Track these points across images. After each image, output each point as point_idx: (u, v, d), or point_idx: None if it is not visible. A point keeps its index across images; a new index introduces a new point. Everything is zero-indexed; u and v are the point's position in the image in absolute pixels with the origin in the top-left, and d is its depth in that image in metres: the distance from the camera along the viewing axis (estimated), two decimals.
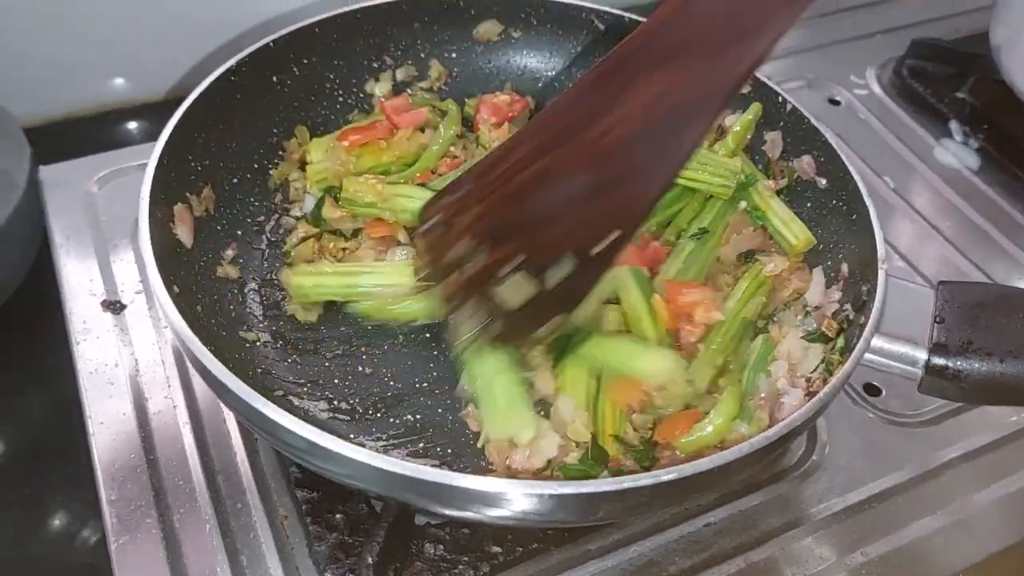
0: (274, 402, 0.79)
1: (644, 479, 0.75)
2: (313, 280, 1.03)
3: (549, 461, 0.90)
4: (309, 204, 1.15)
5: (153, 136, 1.01)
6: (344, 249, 1.11)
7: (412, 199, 1.08)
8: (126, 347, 1.08)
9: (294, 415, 0.78)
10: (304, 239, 1.10)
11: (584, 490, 0.75)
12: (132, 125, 1.52)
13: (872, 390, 1.13)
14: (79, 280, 1.14)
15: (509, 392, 0.93)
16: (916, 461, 1.06)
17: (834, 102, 1.54)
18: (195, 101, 1.04)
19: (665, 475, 0.76)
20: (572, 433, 0.91)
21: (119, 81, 1.50)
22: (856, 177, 1.05)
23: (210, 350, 0.83)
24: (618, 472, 0.88)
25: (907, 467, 1.06)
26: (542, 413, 0.94)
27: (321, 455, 0.77)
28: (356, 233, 1.13)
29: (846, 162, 1.07)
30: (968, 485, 1.05)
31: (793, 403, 0.92)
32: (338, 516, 0.93)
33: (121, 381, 1.04)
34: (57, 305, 1.13)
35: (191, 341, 0.84)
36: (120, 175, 1.27)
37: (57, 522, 1.06)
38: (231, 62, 1.09)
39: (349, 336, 1.05)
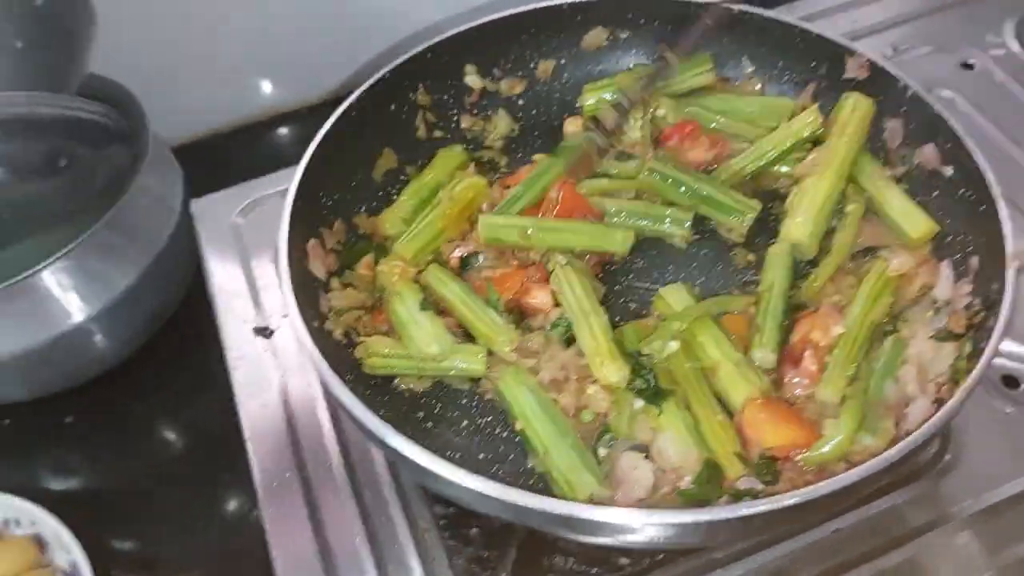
0: (407, 431, 0.86)
1: (762, 504, 0.77)
2: (385, 362, 1.04)
3: (655, 487, 0.92)
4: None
5: (297, 144, 1.08)
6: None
7: (400, 307, 1.05)
8: (277, 371, 1.17)
9: (426, 445, 0.85)
10: (352, 309, 1.09)
11: (703, 518, 0.78)
12: (280, 133, 1.64)
13: (1010, 382, 1.08)
14: (232, 308, 1.24)
15: (569, 458, 0.93)
16: None
17: (967, 66, 1.44)
18: (320, 142, 1.10)
19: (787, 499, 0.78)
20: (687, 470, 0.92)
21: (264, 93, 1.61)
22: (984, 166, 1.01)
23: (347, 381, 0.91)
24: (737, 491, 0.89)
25: None
26: (645, 456, 0.95)
27: (448, 487, 0.83)
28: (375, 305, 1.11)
29: (973, 149, 1.03)
30: None
31: (919, 412, 0.91)
32: (473, 530, 0.99)
33: (274, 404, 1.14)
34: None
35: (330, 378, 0.91)
36: (260, 203, 1.36)
37: (224, 517, 1.19)
38: (351, 99, 1.15)
39: None
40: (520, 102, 1.31)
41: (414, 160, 1.24)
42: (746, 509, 0.77)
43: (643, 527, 0.79)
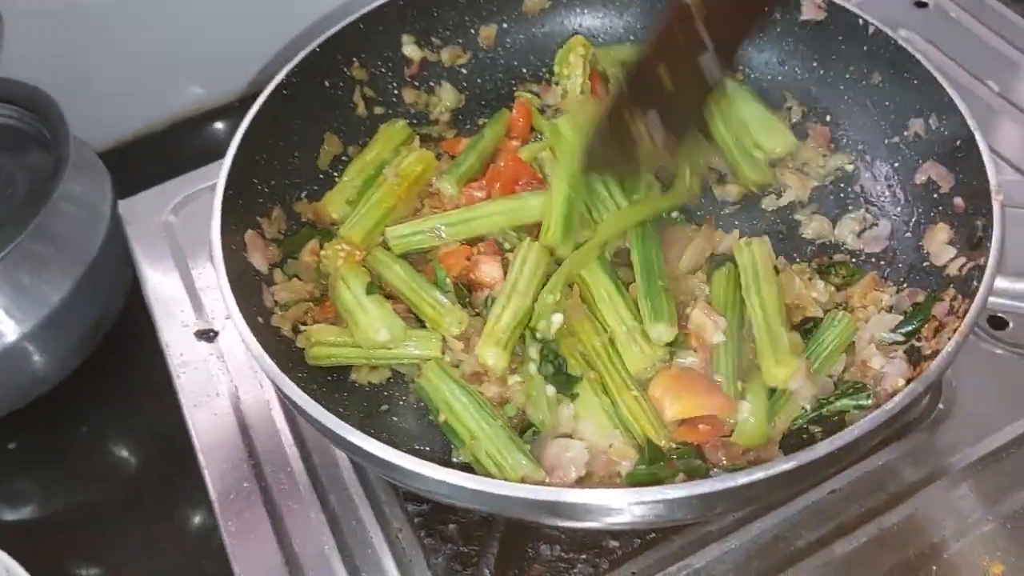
0: (371, 427, 0.79)
1: (759, 472, 0.72)
2: (330, 351, 0.96)
3: (590, 471, 0.86)
4: None
5: (230, 138, 1.00)
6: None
7: (345, 292, 0.97)
8: (224, 375, 1.09)
9: (392, 439, 0.78)
10: (299, 301, 1.00)
11: (699, 491, 0.71)
12: (212, 129, 1.56)
13: (998, 323, 1.05)
14: (171, 312, 1.16)
15: (499, 439, 0.86)
16: None
17: (920, 4, 1.41)
18: (250, 124, 1.02)
19: (784, 464, 0.72)
20: (616, 453, 0.87)
21: (190, 90, 1.53)
22: (957, 99, 0.96)
23: (298, 379, 0.83)
24: (690, 466, 0.85)
25: None
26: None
27: (423, 483, 0.76)
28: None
29: (943, 83, 0.98)
30: None
31: (897, 369, 0.87)
32: (451, 526, 0.92)
33: (225, 411, 1.06)
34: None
35: (278, 376, 0.83)
36: (193, 199, 1.27)
37: (184, 534, 1.11)
38: (280, 76, 1.06)
39: None
40: (464, 71, 1.24)
41: (355, 140, 1.16)
42: (744, 478, 0.71)
43: (631, 507, 0.73)
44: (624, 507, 0.72)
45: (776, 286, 0.95)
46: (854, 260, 1.03)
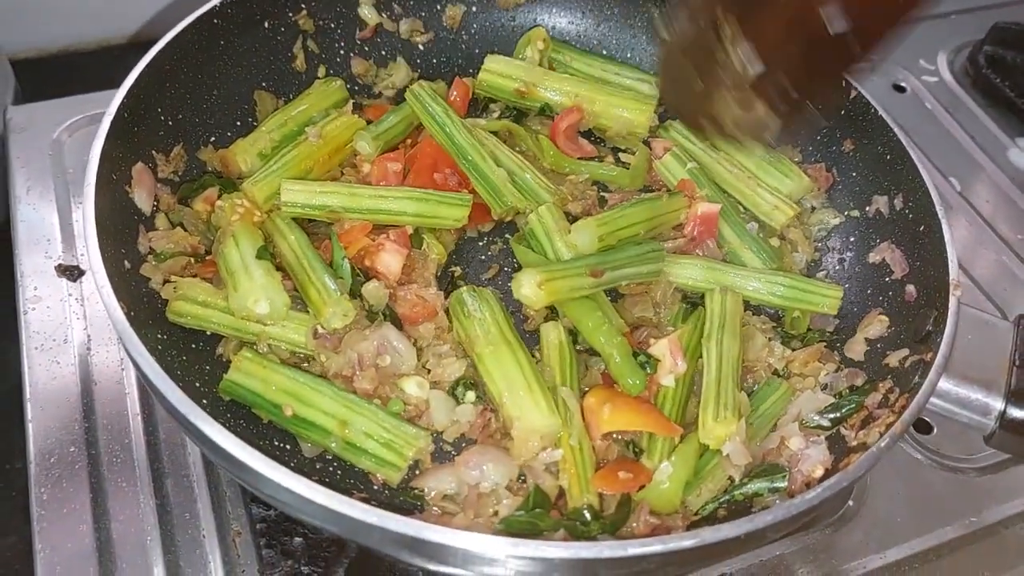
0: (226, 411, 0.68)
1: (654, 544, 0.63)
2: (195, 310, 0.83)
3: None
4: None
5: None
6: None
7: (232, 250, 0.85)
8: (79, 321, 0.95)
9: (248, 430, 0.67)
10: (177, 254, 0.87)
11: (584, 555, 0.62)
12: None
13: (922, 426, 0.99)
14: (35, 238, 1.02)
15: (382, 417, 0.79)
16: (970, 515, 0.93)
17: (899, 88, 1.37)
18: (169, 45, 0.90)
19: (682, 540, 0.63)
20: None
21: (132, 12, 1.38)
22: (929, 183, 0.91)
23: (152, 338, 0.73)
24: (574, 511, 0.76)
25: (959, 522, 0.92)
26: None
27: (263, 486, 0.65)
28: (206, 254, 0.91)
29: (919, 165, 0.93)
30: None
31: (817, 454, 0.81)
32: (296, 540, 0.81)
33: (69, 360, 0.92)
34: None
35: (124, 326, 0.71)
36: (94, 122, 1.12)
37: None
38: (215, 1, 0.95)
39: None
40: (420, 48, 1.14)
41: (287, 95, 1.05)
42: (636, 548, 0.62)
43: (509, 559, 0.63)
44: (500, 558, 0.62)
45: (739, 342, 0.88)
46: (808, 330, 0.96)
